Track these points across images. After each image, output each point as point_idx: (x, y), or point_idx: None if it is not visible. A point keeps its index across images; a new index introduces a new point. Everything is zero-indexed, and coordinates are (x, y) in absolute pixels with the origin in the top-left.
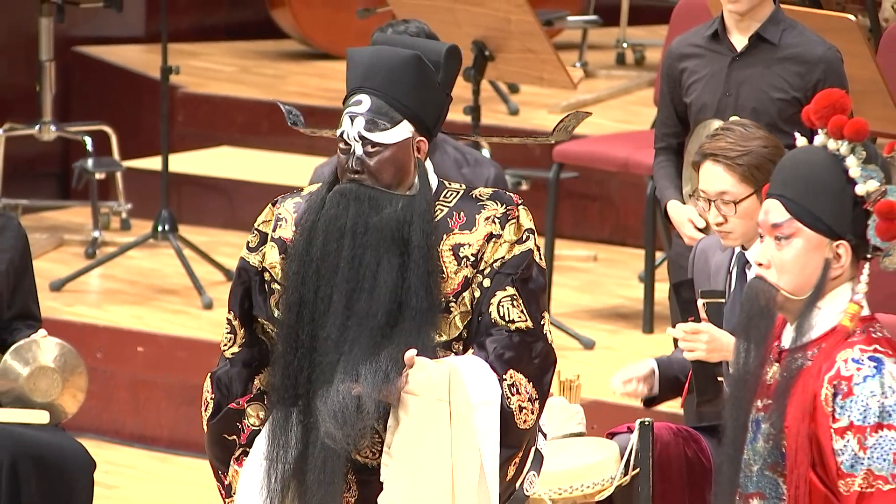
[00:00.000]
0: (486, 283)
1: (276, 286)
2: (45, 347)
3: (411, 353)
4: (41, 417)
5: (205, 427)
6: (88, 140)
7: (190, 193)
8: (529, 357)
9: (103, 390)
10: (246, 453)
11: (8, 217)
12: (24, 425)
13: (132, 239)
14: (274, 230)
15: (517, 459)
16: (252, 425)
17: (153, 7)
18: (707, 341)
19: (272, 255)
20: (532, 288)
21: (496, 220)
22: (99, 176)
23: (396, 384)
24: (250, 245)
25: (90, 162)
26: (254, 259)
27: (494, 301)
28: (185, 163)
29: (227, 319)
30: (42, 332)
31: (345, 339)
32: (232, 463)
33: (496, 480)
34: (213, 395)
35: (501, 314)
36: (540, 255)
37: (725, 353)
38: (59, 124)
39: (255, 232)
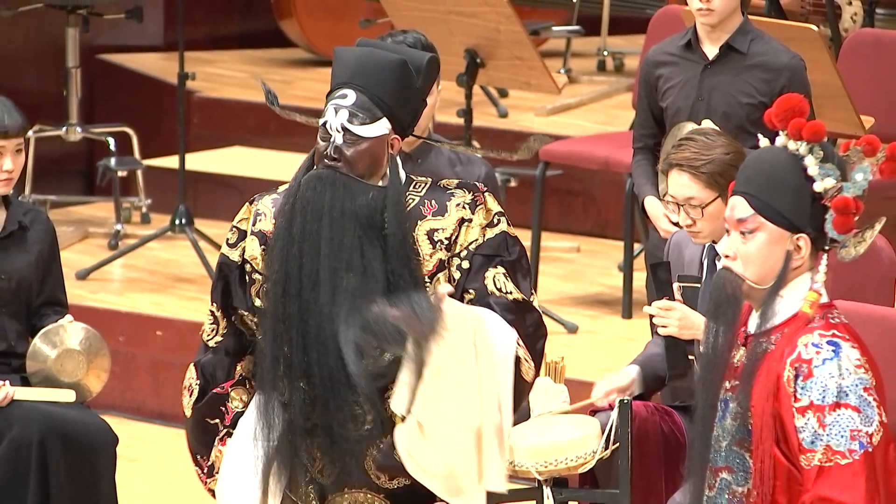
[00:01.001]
0: (465, 265)
1: (256, 276)
2: (71, 331)
3: (446, 287)
4: (68, 396)
5: (189, 412)
6: (111, 140)
7: (205, 190)
8: (524, 325)
9: (125, 371)
10: (230, 434)
11: (37, 211)
12: (52, 403)
13: (152, 231)
14: (253, 224)
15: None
16: (236, 408)
17: (171, 18)
18: (679, 318)
19: (252, 248)
20: (514, 260)
21: (466, 206)
22: (121, 173)
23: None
24: (229, 241)
25: (113, 161)
26: (233, 254)
27: (489, 276)
28: (200, 161)
29: (210, 311)
30: (69, 317)
31: (338, 314)
32: (216, 444)
33: (510, 421)
34: (198, 381)
35: (498, 286)
36: (511, 230)
37: (695, 332)
38: (84, 126)
39: (234, 229)
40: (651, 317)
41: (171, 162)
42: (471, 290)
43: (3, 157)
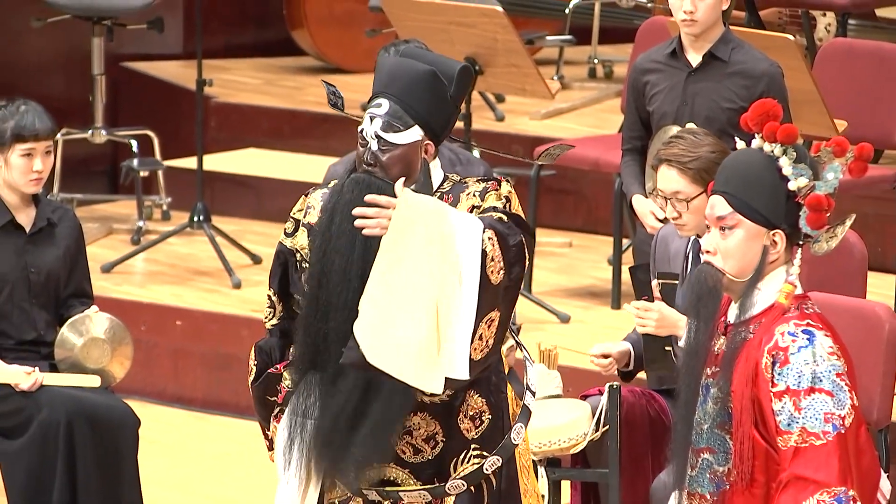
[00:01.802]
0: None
1: (305, 265)
2: (96, 321)
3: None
4: (93, 381)
5: (250, 390)
6: (134, 143)
7: (221, 188)
8: (507, 242)
9: (147, 358)
10: (283, 411)
11: (65, 209)
12: (78, 388)
13: (171, 228)
14: (304, 217)
15: (492, 315)
16: (287, 387)
17: (189, 28)
18: (657, 319)
19: (302, 239)
20: (516, 214)
21: (475, 195)
22: (143, 174)
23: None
24: (287, 231)
25: (135, 161)
26: (289, 243)
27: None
28: (217, 162)
29: (268, 296)
30: (94, 308)
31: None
32: (272, 420)
33: (473, 307)
34: (255, 362)
35: (487, 209)
36: (521, 213)
37: (672, 329)
38: (108, 129)
39: (291, 219)
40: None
41: (189, 163)
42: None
43: (34, 159)
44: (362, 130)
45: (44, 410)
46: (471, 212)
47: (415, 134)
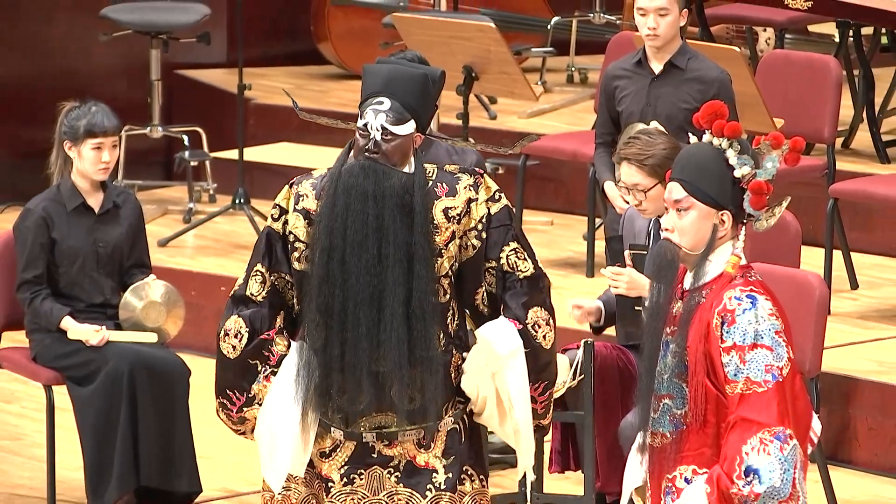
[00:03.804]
0: (483, 235)
1: (298, 245)
2: (154, 287)
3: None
4: (151, 338)
5: (236, 354)
6: (185, 137)
7: (259, 176)
8: (540, 291)
9: (196, 318)
10: (274, 373)
11: (127, 193)
12: (139, 344)
13: (217, 209)
14: (296, 204)
15: (552, 391)
16: (280, 351)
17: (232, 41)
18: (627, 282)
19: (295, 223)
20: (520, 229)
21: (471, 188)
22: (193, 163)
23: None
24: (273, 216)
25: (187, 153)
26: (277, 226)
27: (504, 254)
28: (255, 154)
29: (258, 271)
30: (152, 276)
31: (383, 277)
32: (261, 380)
33: (528, 410)
34: (247, 329)
35: (511, 265)
36: (509, 203)
37: (640, 291)
38: (164, 126)
39: (276, 206)
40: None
41: (232, 154)
42: (491, 261)
43: (103, 151)
44: (366, 124)
45: (110, 362)
46: (468, 203)
47: (410, 127)
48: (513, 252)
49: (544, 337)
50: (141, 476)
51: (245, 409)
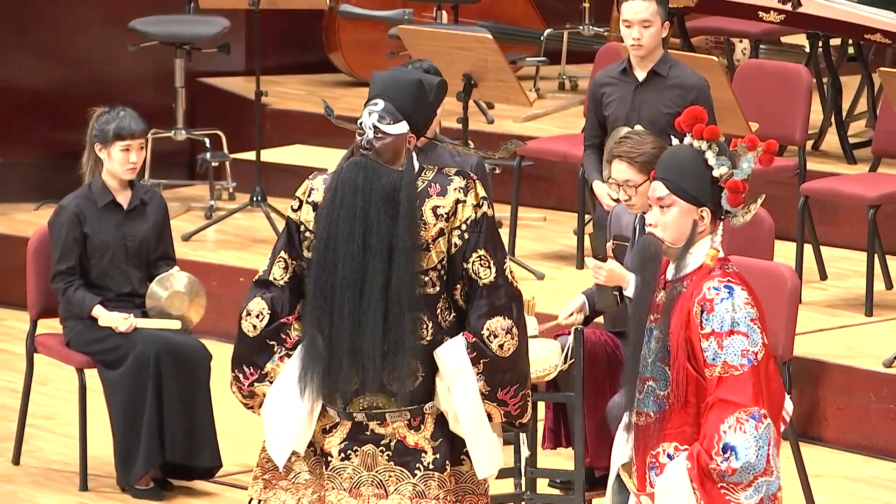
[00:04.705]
0: (466, 235)
1: (307, 234)
2: (178, 278)
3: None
4: (175, 325)
5: (255, 332)
6: (207, 140)
7: (274, 175)
8: (499, 300)
9: (217, 307)
10: (289, 355)
11: (153, 191)
12: (164, 330)
13: (236, 206)
14: (308, 196)
15: (525, 391)
16: (296, 336)
17: (250, 51)
18: (607, 272)
19: (306, 214)
20: (492, 233)
21: (460, 190)
22: (214, 164)
23: None
24: (293, 208)
25: (208, 154)
26: (295, 216)
27: (471, 259)
28: (271, 155)
29: (281, 257)
30: (176, 268)
31: (364, 264)
32: (276, 360)
33: (478, 424)
34: (268, 311)
35: (475, 271)
36: (490, 212)
37: (618, 281)
38: (187, 130)
39: (297, 198)
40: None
41: (250, 155)
42: (465, 263)
43: (130, 152)
44: (361, 122)
45: (137, 347)
46: (456, 204)
47: (402, 127)
48: (478, 259)
49: (501, 346)
50: (166, 452)
51: (256, 384)
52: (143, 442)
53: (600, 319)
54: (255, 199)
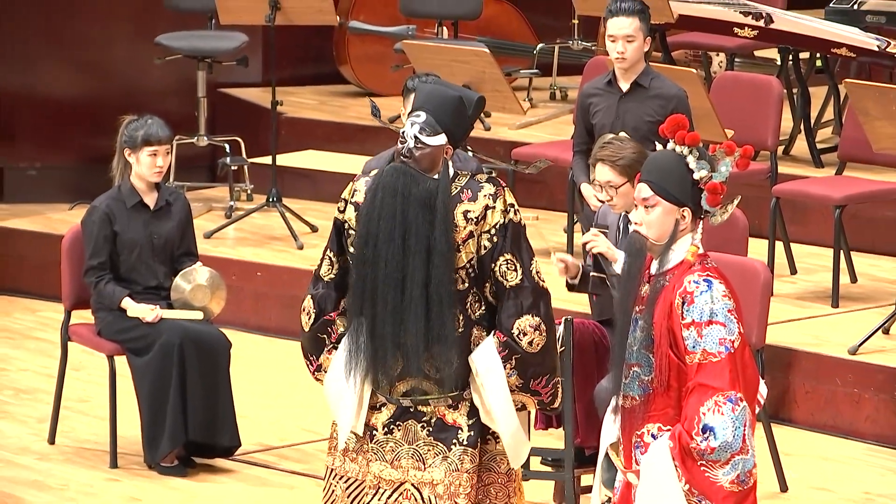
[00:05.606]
0: (494, 238)
1: (351, 232)
2: (200, 272)
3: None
4: (198, 316)
5: (307, 328)
6: (227, 146)
7: (289, 178)
8: (525, 300)
9: (236, 299)
10: (336, 348)
11: (178, 193)
12: (188, 321)
13: (254, 206)
14: (352, 197)
15: (556, 379)
16: (340, 330)
17: (266, 64)
18: (601, 239)
19: (350, 213)
20: (518, 238)
21: (490, 197)
22: (233, 167)
23: None
24: (339, 208)
25: (228, 159)
26: (341, 216)
27: (499, 262)
28: (286, 160)
29: (328, 256)
30: (199, 263)
31: (405, 264)
32: (325, 353)
33: (508, 420)
34: (314, 309)
35: (501, 273)
36: (518, 216)
37: (607, 251)
38: (209, 136)
39: (342, 200)
40: (584, 254)
41: (266, 160)
42: (493, 265)
43: (157, 157)
44: (404, 132)
45: (163, 336)
46: (485, 210)
47: (441, 139)
48: (505, 262)
49: (530, 343)
50: (189, 432)
51: (316, 373)
52: (169, 423)
53: (588, 309)
54: (271, 199)
